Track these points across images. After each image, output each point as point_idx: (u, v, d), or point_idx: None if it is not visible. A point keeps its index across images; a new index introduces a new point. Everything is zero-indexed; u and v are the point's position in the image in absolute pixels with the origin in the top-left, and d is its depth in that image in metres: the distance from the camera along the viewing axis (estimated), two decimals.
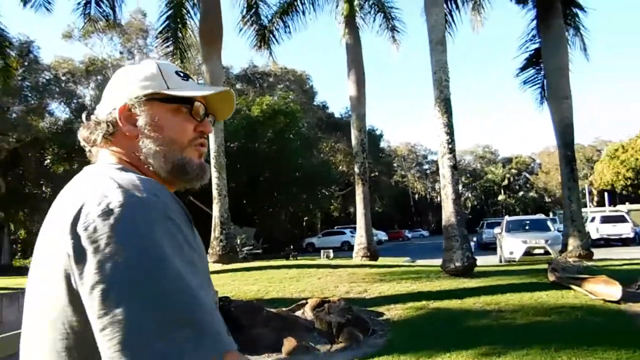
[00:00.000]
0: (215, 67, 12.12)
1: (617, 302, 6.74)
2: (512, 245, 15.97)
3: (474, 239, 31.97)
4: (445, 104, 8.88)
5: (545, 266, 8.80)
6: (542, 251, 15.00)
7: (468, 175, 75.99)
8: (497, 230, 19.31)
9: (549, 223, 17.72)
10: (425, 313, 7.05)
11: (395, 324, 6.77)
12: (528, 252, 15.33)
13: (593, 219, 25.41)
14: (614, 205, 46.51)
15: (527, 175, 70.71)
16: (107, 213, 0.69)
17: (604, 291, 6.91)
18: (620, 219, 24.79)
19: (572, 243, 11.25)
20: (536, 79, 14.35)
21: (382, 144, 54.53)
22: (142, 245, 0.67)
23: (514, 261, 15.03)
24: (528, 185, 69.19)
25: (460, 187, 67.68)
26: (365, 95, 14.53)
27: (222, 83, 12.22)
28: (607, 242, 24.16)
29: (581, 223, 11.92)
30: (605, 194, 49.00)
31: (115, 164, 0.87)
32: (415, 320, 6.83)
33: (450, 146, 8.76)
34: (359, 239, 14.34)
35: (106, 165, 0.86)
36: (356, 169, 14.54)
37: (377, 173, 50.44)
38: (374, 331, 6.44)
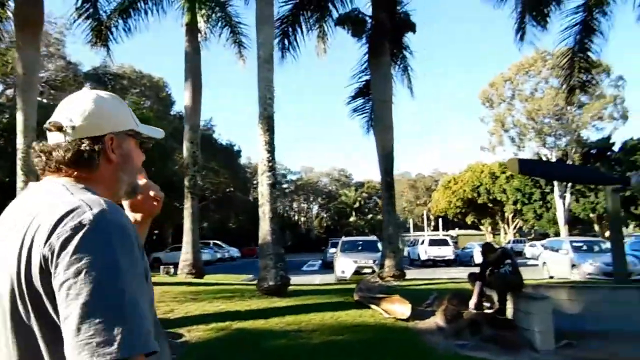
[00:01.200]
0: (31, 57, 10.76)
1: (407, 319, 7.20)
2: (344, 265, 16.68)
3: (321, 258, 33.07)
4: (268, 122, 8.89)
5: (354, 286, 9.18)
6: (370, 270, 15.90)
7: (324, 196, 79.07)
8: (332, 250, 20.00)
9: (379, 244, 18.85)
10: (226, 334, 6.81)
11: (192, 346, 6.41)
12: (357, 272, 16.13)
13: (423, 242, 27.85)
14: (447, 230, 51.98)
15: (377, 199, 75.73)
16: (78, 228, 0.86)
17: (396, 310, 7.35)
18: (444, 243, 27.57)
19: (388, 263, 12.01)
20: (365, 109, 15.24)
21: (243, 161, 54.10)
22: (103, 256, 0.84)
23: (346, 279, 15.68)
24: (377, 208, 74.05)
25: (316, 207, 69.23)
26: (201, 107, 14.13)
27: (37, 75, 10.89)
28: (434, 263, 26.62)
29: (397, 245, 12.82)
30: (440, 220, 54.62)
31: (74, 183, 1.01)
32: (213, 342, 6.54)
33: (270, 164, 8.77)
34: (185, 255, 13.73)
35: (69, 184, 1.01)
36: (186, 183, 13.93)
37: (232, 189, 49.80)
38: None
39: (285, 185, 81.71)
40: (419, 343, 6.41)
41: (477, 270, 7.35)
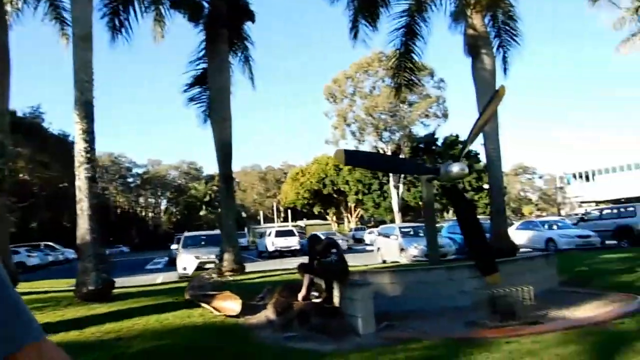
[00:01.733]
0: None
1: (237, 316, 7.02)
2: (185, 261, 16.02)
3: (167, 255, 31.51)
4: (85, 107, 7.95)
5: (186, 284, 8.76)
6: (213, 266, 15.47)
7: (173, 190, 75.83)
8: (174, 246, 19.10)
9: None
10: None
11: None
12: (200, 267, 15.59)
13: (270, 234, 28.10)
14: (296, 221, 53.45)
15: None
16: None
17: (227, 306, 7.13)
18: (290, 233, 28.15)
19: (227, 258, 11.74)
20: (201, 98, 14.63)
21: None
22: None
23: (187, 277, 15.04)
24: None
25: (165, 202, 65.83)
26: (10, 90, 12.17)
27: None
28: (281, 254, 27.00)
29: (235, 239, 12.61)
30: (289, 211, 55.97)
31: None
32: None
33: (88, 155, 7.87)
34: None
35: None
36: None
37: (66, 184, 44.99)
38: None
39: (130, 180, 76.40)
40: (247, 339, 6.28)
41: (306, 261, 7.48)
